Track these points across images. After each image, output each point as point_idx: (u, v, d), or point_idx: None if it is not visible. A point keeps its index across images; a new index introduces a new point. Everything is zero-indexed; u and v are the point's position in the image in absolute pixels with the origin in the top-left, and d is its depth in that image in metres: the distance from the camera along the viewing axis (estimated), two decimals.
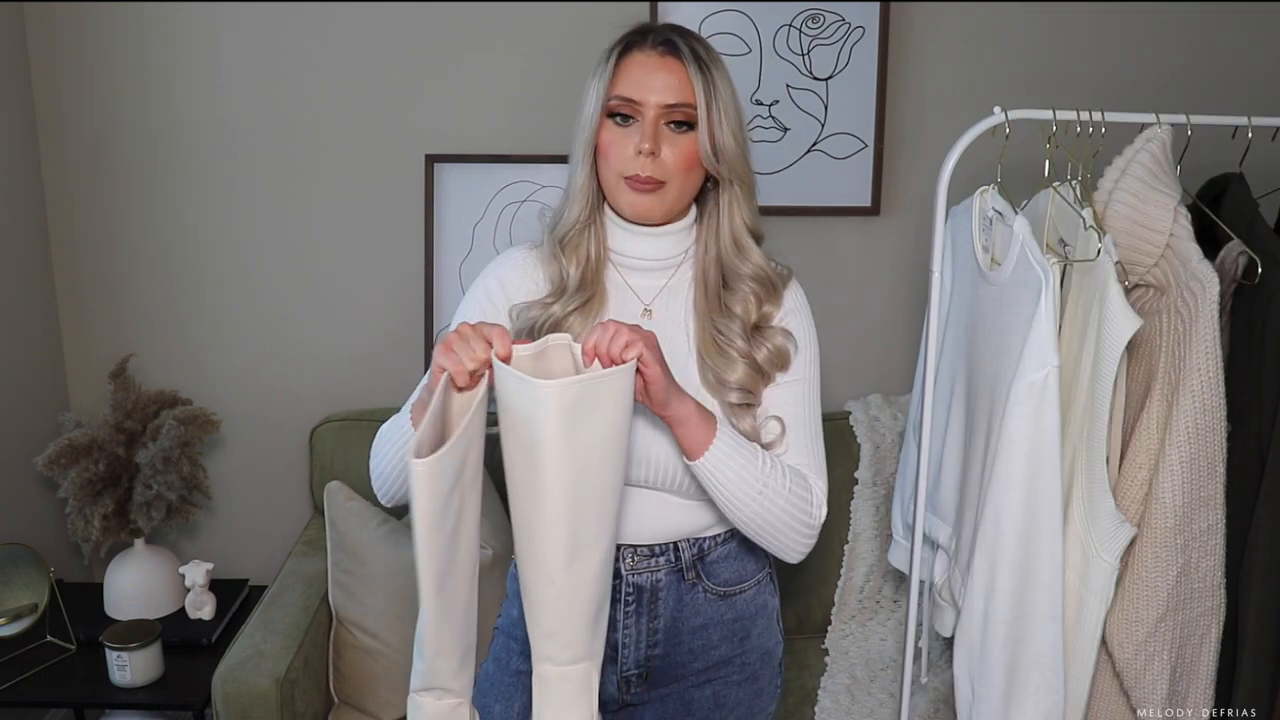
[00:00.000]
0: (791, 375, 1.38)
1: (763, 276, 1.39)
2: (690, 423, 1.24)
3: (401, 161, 2.33)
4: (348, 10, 2.25)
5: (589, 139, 1.34)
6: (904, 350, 2.44)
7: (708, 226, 1.40)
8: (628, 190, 1.33)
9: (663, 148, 1.31)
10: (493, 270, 1.43)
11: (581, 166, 1.36)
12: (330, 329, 2.41)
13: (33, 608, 2.11)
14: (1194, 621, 1.52)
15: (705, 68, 1.31)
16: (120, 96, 2.28)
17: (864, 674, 2.16)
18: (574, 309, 1.36)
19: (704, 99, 1.30)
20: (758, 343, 1.36)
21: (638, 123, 1.31)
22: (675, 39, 1.32)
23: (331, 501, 2.12)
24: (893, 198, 2.37)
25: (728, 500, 1.29)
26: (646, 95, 1.30)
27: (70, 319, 2.39)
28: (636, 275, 1.40)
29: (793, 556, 1.36)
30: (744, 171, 1.36)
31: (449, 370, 1.12)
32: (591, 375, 1.09)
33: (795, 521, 1.33)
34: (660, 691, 1.45)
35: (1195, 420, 1.44)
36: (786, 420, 1.36)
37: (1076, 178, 1.55)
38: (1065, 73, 2.30)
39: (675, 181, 1.33)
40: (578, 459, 1.09)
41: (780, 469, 1.32)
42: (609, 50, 1.34)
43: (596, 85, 1.33)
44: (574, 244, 1.38)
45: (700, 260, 1.40)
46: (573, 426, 1.07)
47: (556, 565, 1.13)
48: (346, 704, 2.03)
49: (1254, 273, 1.52)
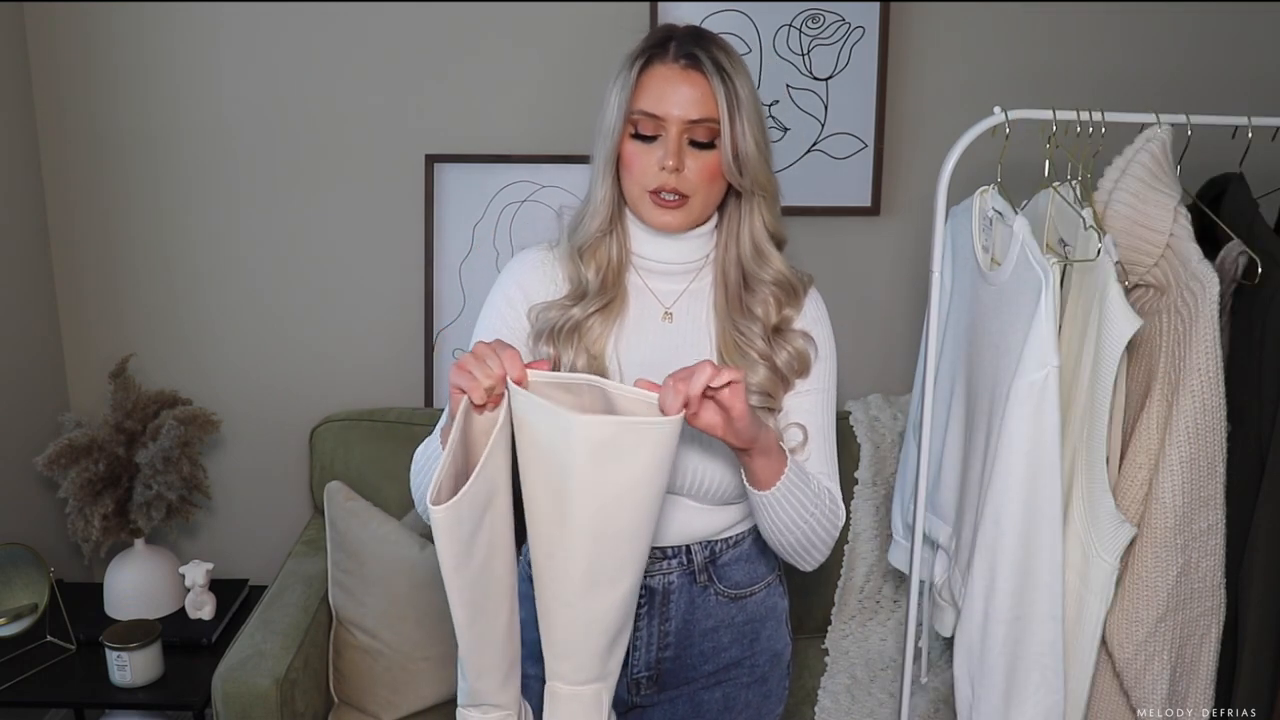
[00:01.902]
0: (811, 384, 1.39)
1: (783, 280, 1.38)
2: (771, 453, 1.24)
3: (401, 161, 2.33)
4: (348, 10, 2.25)
5: (611, 151, 1.33)
6: (904, 350, 2.44)
7: (728, 231, 1.39)
8: (652, 205, 1.32)
9: (686, 162, 1.30)
10: (510, 275, 1.42)
11: (604, 178, 1.35)
12: (330, 329, 2.41)
13: (33, 608, 2.11)
14: (1194, 621, 1.52)
15: (728, 78, 1.29)
16: (120, 96, 2.28)
17: (864, 674, 2.16)
18: (594, 311, 1.35)
19: (727, 111, 1.29)
20: (778, 345, 1.37)
21: (661, 137, 1.30)
22: (697, 51, 1.30)
23: (331, 501, 2.12)
24: (893, 198, 2.37)
25: (779, 526, 1.30)
26: (670, 109, 1.29)
27: (70, 319, 2.39)
28: (657, 279, 1.40)
29: (810, 567, 1.38)
30: (766, 179, 1.35)
31: (465, 390, 1.11)
32: (632, 419, 1.07)
33: (826, 537, 1.35)
34: (670, 694, 1.45)
35: (1195, 420, 1.44)
36: (810, 430, 1.37)
37: (1076, 178, 1.55)
38: (1065, 73, 2.30)
39: (699, 195, 1.32)
40: (604, 496, 1.08)
41: (822, 492, 1.33)
42: (630, 59, 1.32)
43: (618, 96, 1.31)
44: (593, 249, 1.37)
45: (720, 262, 1.40)
46: (604, 463, 1.06)
47: (574, 592, 1.12)
48: (346, 704, 2.03)
49: (1254, 273, 1.52)
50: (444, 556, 1.06)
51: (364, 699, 2.01)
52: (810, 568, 1.38)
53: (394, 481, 2.24)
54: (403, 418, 2.30)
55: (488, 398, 1.11)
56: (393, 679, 2.00)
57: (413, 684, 2.01)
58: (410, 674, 2.01)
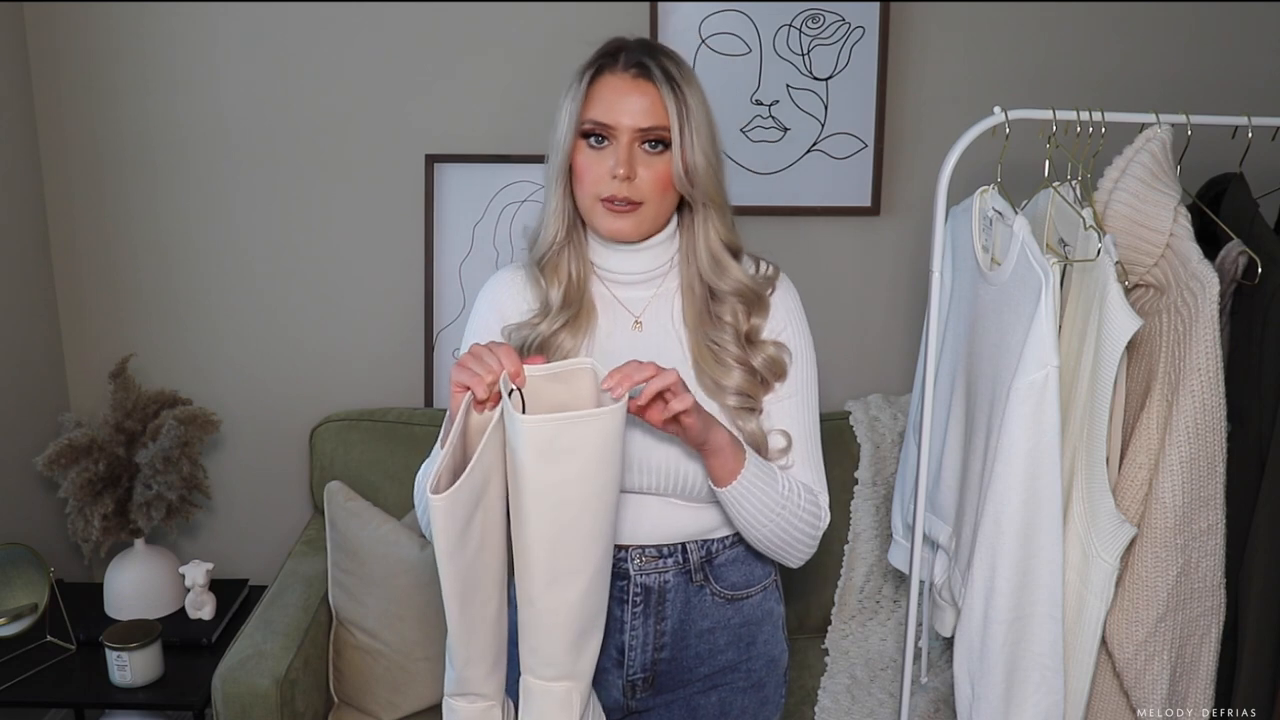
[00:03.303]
0: (790, 388, 1.40)
1: (745, 291, 1.39)
2: (724, 453, 1.27)
3: (401, 161, 2.33)
4: (347, 10, 2.25)
5: (563, 161, 1.34)
6: (904, 350, 2.44)
7: (687, 245, 1.40)
8: (604, 213, 1.33)
9: (638, 170, 1.31)
10: (486, 297, 1.44)
11: (556, 188, 1.36)
12: (330, 329, 2.41)
13: (33, 608, 2.11)
14: (1194, 621, 1.52)
15: (678, 88, 1.30)
16: (120, 96, 2.28)
17: (864, 674, 2.16)
18: (561, 326, 1.36)
19: (677, 122, 1.30)
20: (752, 351, 1.38)
21: (612, 145, 1.31)
22: (647, 60, 1.31)
23: (331, 501, 2.12)
24: (893, 198, 2.37)
25: (747, 521, 1.33)
26: (619, 118, 1.30)
27: (70, 319, 2.39)
28: (623, 288, 1.41)
29: (794, 564, 1.41)
30: (715, 192, 1.36)
31: (470, 385, 1.15)
32: (569, 415, 1.11)
33: (804, 535, 1.37)
34: (665, 698, 1.46)
35: (1195, 420, 1.44)
36: (793, 435, 1.39)
37: (1076, 178, 1.55)
38: (1065, 73, 2.30)
39: (651, 203, 1.33)
40: (553, 494, 1.12)
41: (794, 488, 1.35)
42: (580, 71, 1.34)
43: (569, 107, 1.33)
44: (553, 265, 1.39)
45: (685, 274, 1.40)
46: (549, 461, 1.10)
47: (536, 588, 1.16)
48: (346, 704, 2.03)
49: (1254, 273, 1.52)
50: (439, 544, 1.11)
51: (364, 699, 2.01)
52: (795, 564, 1.41)
53: (394, 481, 2.24)
54: (403, 418, 2.30)
55: (490, 392, 1.15)
56: (393, 679, 2.00)
57: (413, 684, 2.01)
58: (410, 674, 2.01)
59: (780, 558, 1.40)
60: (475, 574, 1.16)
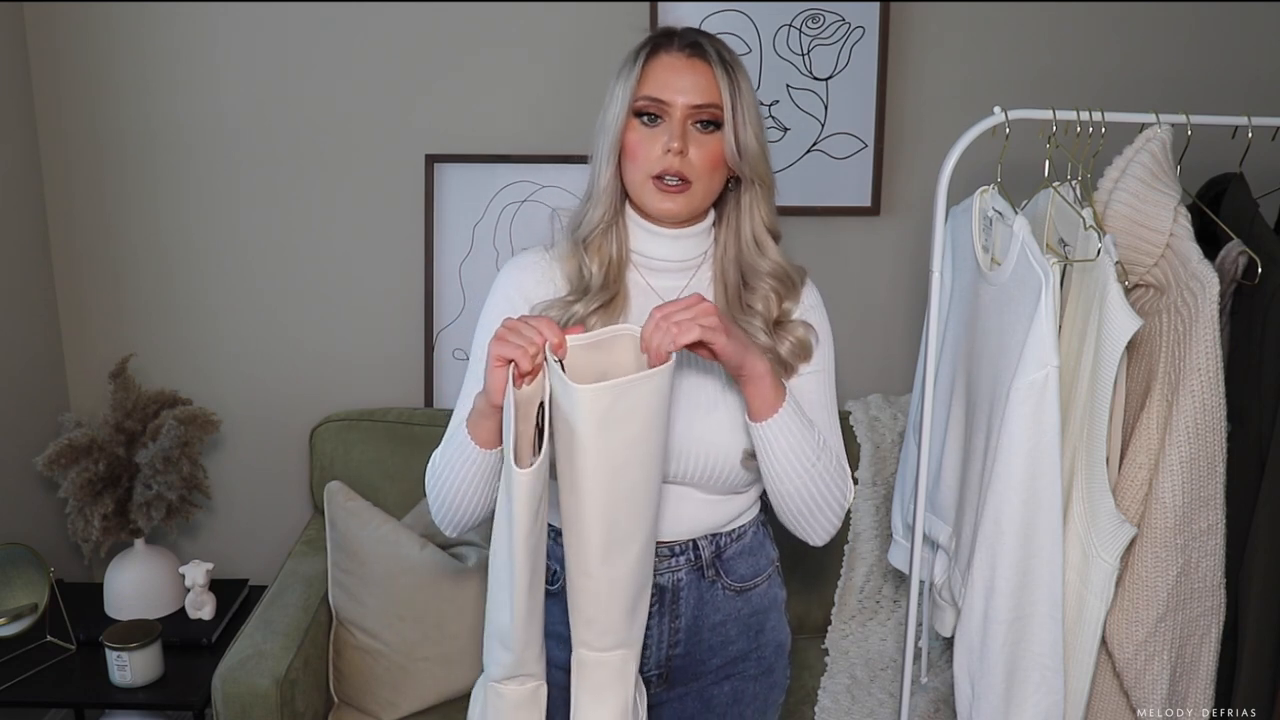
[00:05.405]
0: (813, 366, 1.41)
1: (781, 273, 1.40)
2: (763, 381, 1.26)
3: (401, 161, 2.33)
4: (348, 10, 2.25)
5: (614, 139, 1.34)
6: (904, 350, 2.44)
7: (727, 227, 1.41)
8: (654, 191, 1.34)
9: (690, 147, 1.32)
10: (507, 277, 1.43)
11: (606, 167, 1.36)
12: (330, 329, 2.41)
13: (33, 608, 2.11)
14: (1194, 621, 1.52)
15: (730, 69, 1.33)
16: (120, 96, 2.28)
17: (864, 674, 2.16)
18: (596, 308, 1.36)
19: (729, 100, 1.32)
20: (780, 337, 1.39)
21: (665, 123, 1.32)
22: (702, 41, 1.34)
23: (331, 501, 2.12)
24: (893, 198, 2.37)
25: (780, 470, 1.31)
26: (674, 96, 1.32)
27: (70, 319, 2.39)
28: (657, 276, 1.41)
29: (820, 537, 1.39)
30: (765, 171, 1.38)
31: (514, 357, 1.14)
32: (625, 380, 1.11)
33: (833, 499, 1.36)
34: (679, 690, 1.47)
35: (1195, 420, 1.44)
36: (815, 405, 1.40)
37: (1076, 178, 1.55)
38: (1065, 73, 2.30)
39: (701, 182, 1.34)
40: (614, 459, 1.12)
41: (828, 447, 1.35)
42: (635, 52, 1.35)
43: (623, 87, 1.34)
44: (596, 244, 1.39)
45: (719, 261, 1.42)
46: (608, 428, 1.10)
47: (594, 559, 1.16)
48: (346, 704, 2.03)
49: (1254, 273, 1.52)
50: (520, 522, 1.11)
51: (364, 699, 2.01)
52: (819, 538, 1.39)
53: (394, 481, 2.24)
54: (403, 418, 2.30)
55: (534, 364, 1.15)
56: (393, 679, 2.00)
57: (413, 684, 2.01)
58: (410, 674, 2.01)
59: (806, 526, 1.37)
60: (540, 551, 1.17)
